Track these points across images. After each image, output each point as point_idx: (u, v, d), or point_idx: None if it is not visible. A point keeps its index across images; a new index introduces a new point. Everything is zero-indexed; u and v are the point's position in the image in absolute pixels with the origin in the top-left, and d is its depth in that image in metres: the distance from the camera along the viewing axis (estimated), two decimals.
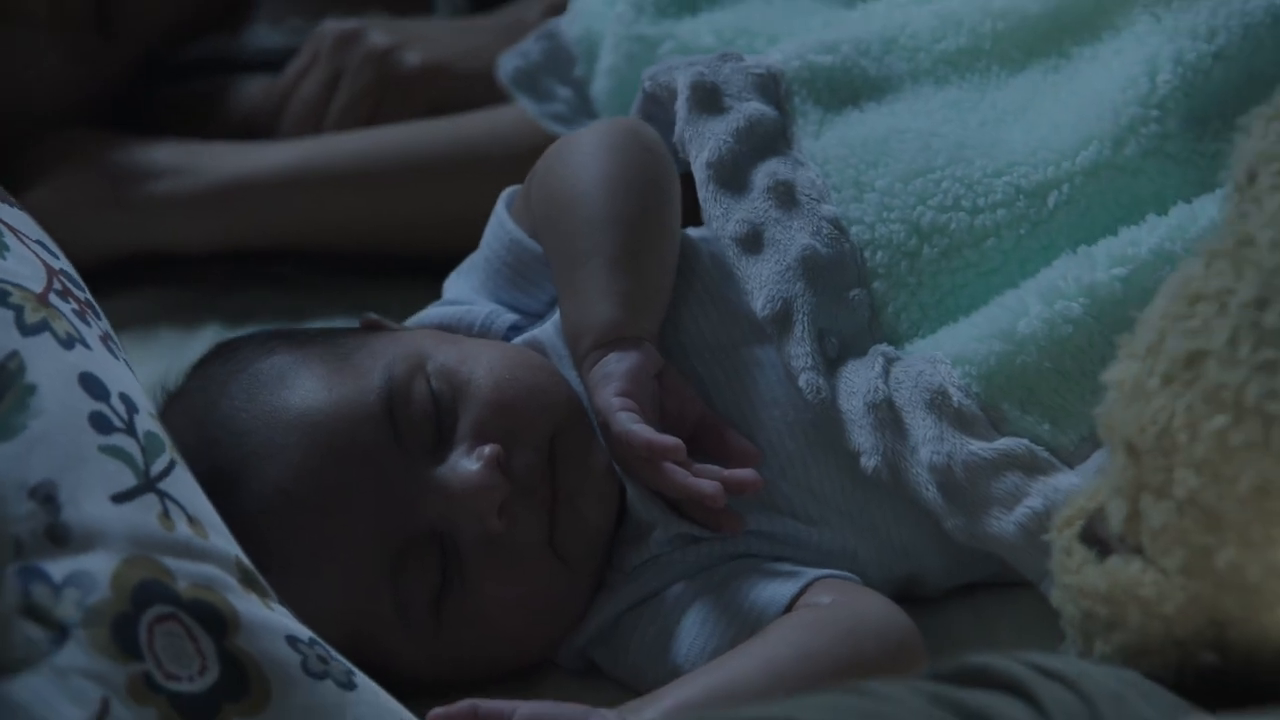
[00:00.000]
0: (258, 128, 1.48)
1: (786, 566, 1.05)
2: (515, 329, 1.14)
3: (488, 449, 1.02)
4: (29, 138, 1.44)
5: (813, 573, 1.04)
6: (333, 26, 1.45)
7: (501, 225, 1.15)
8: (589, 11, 1.29)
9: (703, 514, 1.04)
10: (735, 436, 1.06)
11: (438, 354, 1.07)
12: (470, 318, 1.14)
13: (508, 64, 1.30)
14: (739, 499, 1.04)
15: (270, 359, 1.08)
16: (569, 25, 1.29)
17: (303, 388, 1.05)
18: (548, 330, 1.12)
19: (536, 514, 1.04)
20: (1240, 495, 0.80)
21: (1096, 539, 0.88)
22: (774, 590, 1.03)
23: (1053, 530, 0.92)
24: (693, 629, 1.03)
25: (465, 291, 1.17)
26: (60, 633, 0.85)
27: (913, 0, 1.22)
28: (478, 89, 1.32)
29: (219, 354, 1.13)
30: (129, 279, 1.43)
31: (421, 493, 1.03)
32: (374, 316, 1.15)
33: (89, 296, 1.03)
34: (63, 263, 1.04)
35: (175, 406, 1.10)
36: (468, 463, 1.02)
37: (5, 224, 1.01)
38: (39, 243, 1.03)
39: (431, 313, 1.16)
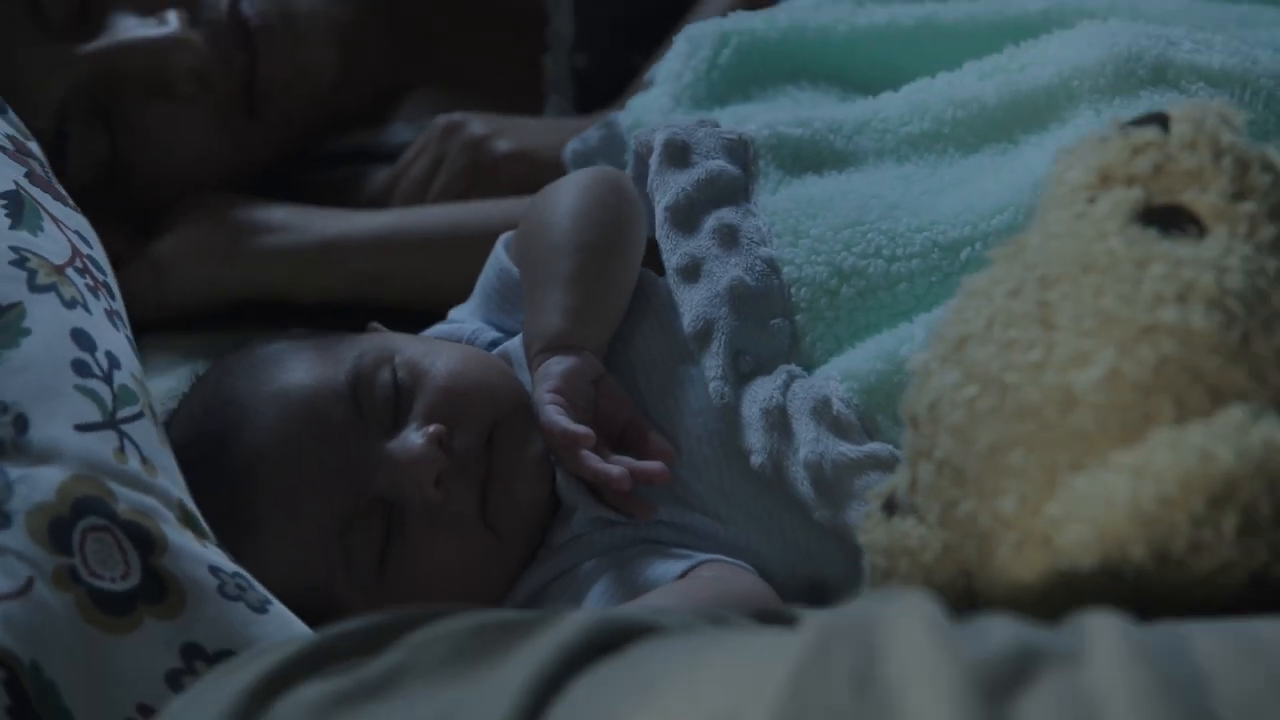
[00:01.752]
0: (378, 206, 1.63)
1: (684, 551, 1.15)
2: (495, 344, 1.26)
3: (432, 428, 1.15)
4: (177, 199, 1.59)
5: (703, 555, 1.15)
6: (443, 119, 1.60)
7: (496, 256, 1.29)
8: (640, 105, 1.41)
9: (617, 500, 1.15)
10: (657, 438, 1.17)
11: (407, 349, 1.20)
12: (459, 333, 1.28)
13: (570, 147, 1.43)
14: (657, 492, 1.15)
15: (270, 346, 1.23)
16: (623, 116, 1.41)
17: (287, 368, 1.20)
18: (515, 342, 1.25)
19: (471, 489, 1.16)
20: (979, 453, 0.88)
21: (893, 505, 0.97)
22: (668, 567, 1.14)
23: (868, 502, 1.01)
24: (596, 598, 1.14)
25: (463, 314, 1.31)
26: (5, 519, 0.99)
27: (921, 89, 1.31)
28: (555, 172, 1.45)
29: (242, 345, 1.28)
30: (243, 321, 1.56)
31: (374, 462, 1.16)
32: (376, 324, 1.28)
33: (109, 281, 1.18)
34: (95, 251, 1.19)
35: (195, 384, 1.25)
36: (415, 438, 1.16)
37: (49, 213, 1.16)
38: (77, 233, 1.18)
39: (430, 329, 1.30)
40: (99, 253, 1.20)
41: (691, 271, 1.21)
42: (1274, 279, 0.87)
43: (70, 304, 1.10)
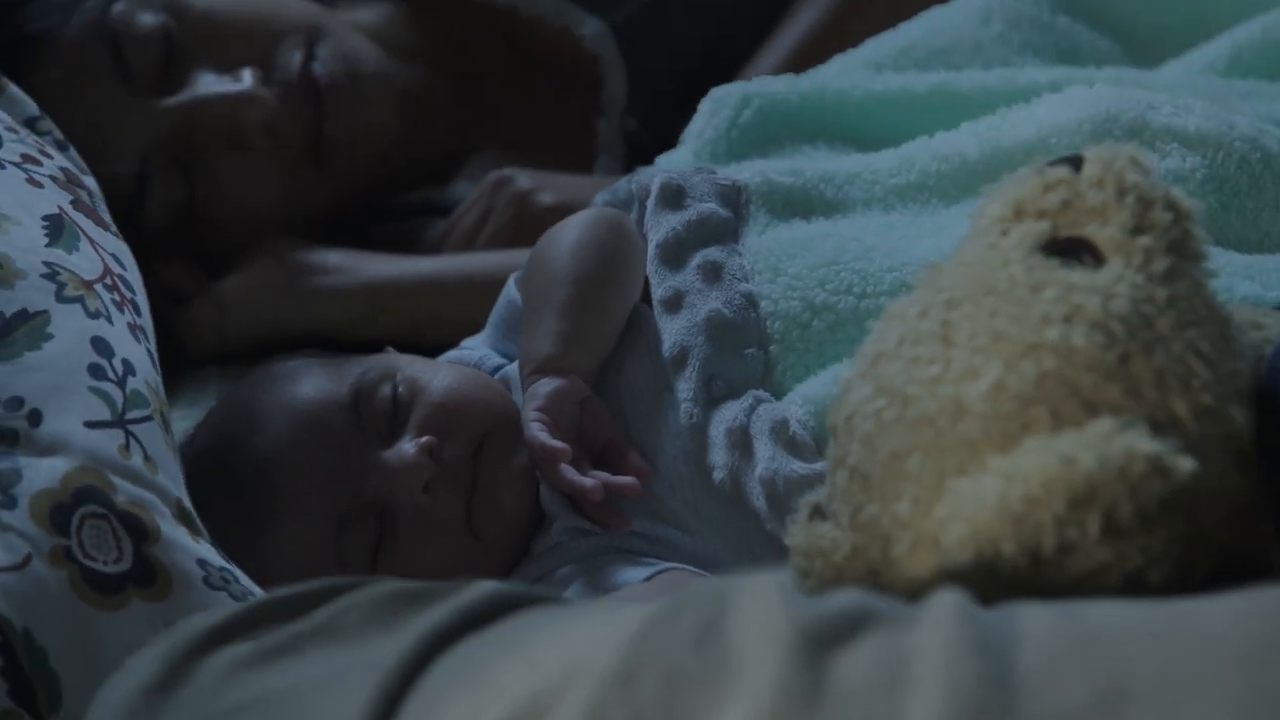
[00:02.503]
0: (435, 254, 1.72)
1: (652, 560, 1.23)
2: (498, 369, 1.34)
3: (424, 438, 1.24)
4: (246, 243, 1.68)
5: (669, 564, 1.22)
6: (494, 174, 1.69)
7: (506, 289, 1.37)
8: (666, 161, 1.48)
9: (592, 511, 1.22)
10: (635, 456, 1.24)
11: (409, 368, 1.29)
12: (467, 358, 1.36)
13: (599, 197, 1.51)
14: (634, 506, 1.23)
15: (287, 363, 1.33)
16: (652, 171, 1.49)
17: (297, 382, 1.29)
18: (514, 366, 1.33)
19: (458, 497, 1.25)
20: (881, 460, 0.94)
21: (820, 512, 1.04)
22: (634, 572, 1.21)
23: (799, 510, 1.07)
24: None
25: (473, 342, 1.39)
26: (11, 500, 1.08)
27: (913, 145, 1.38)
28: None
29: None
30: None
31: (369, 469, 1.25)
32: (389, 348, 1.37)
33: (137, 299, 1.27)
34: (127, 273, 1.28)
35: (222, 397, 1.34)
36: (408, 447, 1.24)
37: (87, 236, 1.25)
38: (113, 255, 1.27)
39: (442, 355, 1.38)
40: (132, 275, 1.29)
41: (674, 303, 1.28)
42: (1162, 306, 0.93)
43: (94, 315, 1.19)
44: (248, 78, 1.63)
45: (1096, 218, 0.97)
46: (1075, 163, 1.00)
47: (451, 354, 1.38)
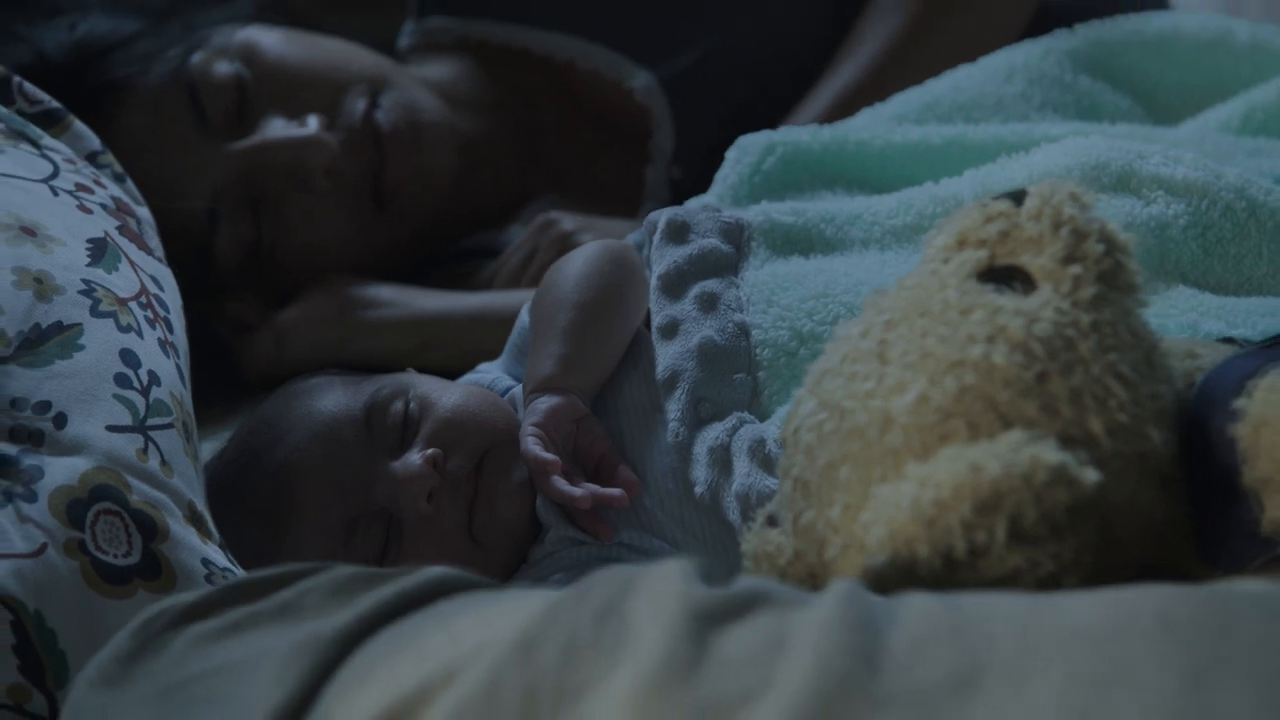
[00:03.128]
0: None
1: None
2: (509, 390, 1.41)
3: (430, 451, 1.30)
4: (310, 279, 1.76)
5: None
6: (541, 216, 1.76)
7: (520, 316, 1.43)
8: (694, 202, 1.52)
9: (582, 520, 1.28)
10: (625, 471, 1.29)
11: (422, 386, 1.36)
12: (482, 380, 1.43)
13: (631, 237, 1.57)
14: (625, 519, 1.29)
15: (311, 380, 1.40)
16: (663, 209, 1.49)
17: (317, 397, 1.36)
18: (520, 387, 1.39)
19: (460, 506, 1.30)
20: (819, 469, 1.00)
21: (772, 520, 1.09)
22: None
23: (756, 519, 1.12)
24: None
25: (489, 366, 1.46)
26: (32, 494, 1.15)
27: (915, 189, 1.43)
28: None
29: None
30: None
31: (378, 478, 1.31)
32: (410, 369, 1.44)
33: (170, 317, 1.34)
34: (164, 295, 1.35)
35: (252, 413, 1.43)
36: (414, 458, 1.30)
37: (129, 259, 1.33)
38: (152, 277, 1.35)
39: (460, 378, 1.45)
40: (169, 297, 1.36)
41: (670, 330, 1.33)
42: (1085, 331, 0.97)
43: (125, 329, 1.26)
44: (313, 123, 1.70)
45: (1032, 247, 1.01)
46: (1019, 198, 1.04)
47: (468, 376, 1.45)
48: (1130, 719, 0.72)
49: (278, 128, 1.71)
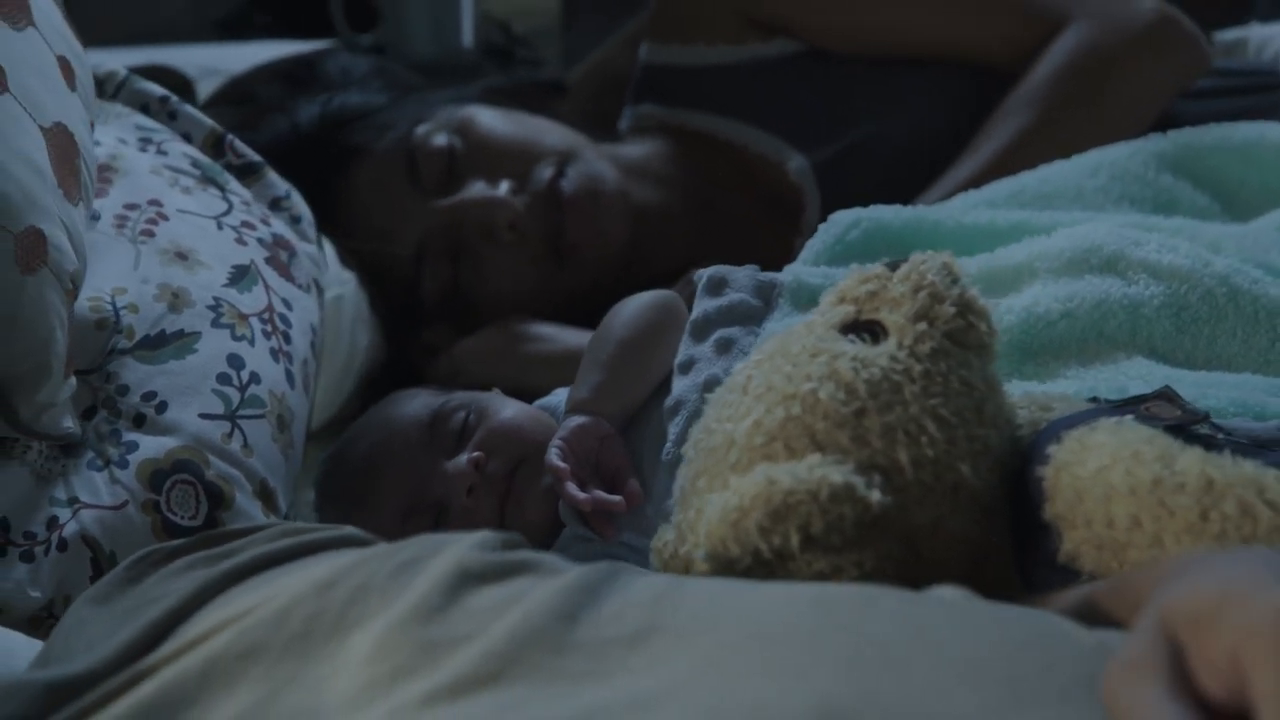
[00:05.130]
0: None
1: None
2: None
3: (475, 454, 1.46)
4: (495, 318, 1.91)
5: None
6: (689, 274, 1.87)
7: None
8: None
9: (593, 522, 1.40)
10: (633, 483, 1.40)
11: (486, 401, 1.52)
12: (549, 403, 1.57)
13: None
14: (627, 522, 1.40)
15: (404, 392, 1.58)
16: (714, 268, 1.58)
17: (399, 405, 1.54)
18: None
19: (493, 502, 1.45)
20: (690, 478, 1.11)
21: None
22: None
23: None
24: None
25: (563, 391, 1.58)
26: (125, 463, 1.33)
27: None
28: None
29: None
30: None
31: (433, 474, 1.47)
32: (496, 389, 1.60)
33: (290, 332, 1.51)
34: (291, 315, 1.53)
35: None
36: (462, 460, 1.46)
37: (266, 284, 1.52)
38: (284, 300, 1.53)
39: (535, 401, 1.59)
40: (296, 317, 1.54)
41: (686, 367, 1.43)
42: (915, 377, 1.06)
43: (238, 338, 1.44)
44: (504, 187, 1.87)
45: (892, 306, 1.10)
46: (896, 265, 1.13)
47: (541, 400, 1.59)
48: (753, 667, 0.78)
49: (475, 189, 1.88)
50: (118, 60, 1.88)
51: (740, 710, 0.75)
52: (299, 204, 1.69)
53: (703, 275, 1.49)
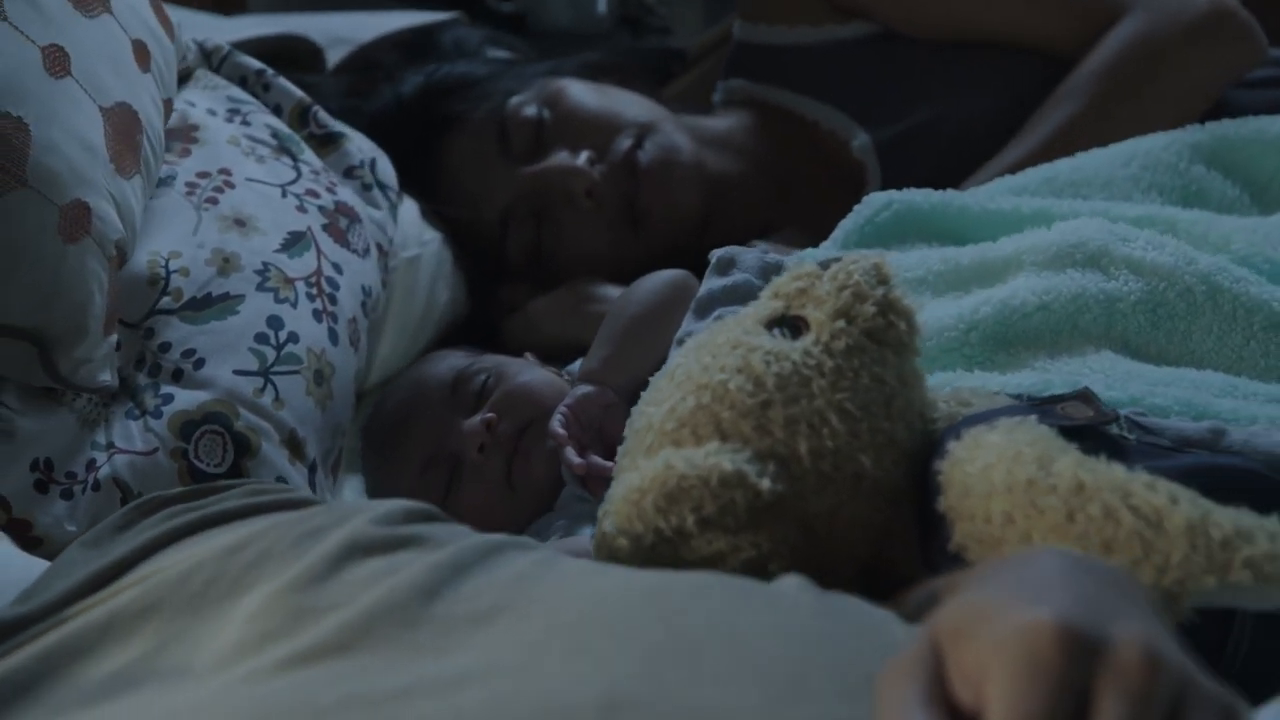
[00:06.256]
0: None
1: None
2: None
3: (488, 415, 1.52)
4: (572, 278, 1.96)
5: None
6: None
7: None
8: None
9: (588, 483, 1.44)
10: None
11: (506, 365, 1.59)
12: (575, 368, 1.62)
13: None
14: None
15: (441, 350, 1.67)
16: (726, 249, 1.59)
17: (428, 364, 1.63)
18: None
19: (501, 460, 1.52)
20: (622, 456, 1.15)
21: None
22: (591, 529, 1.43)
23: None
24: (554, 538, 1.45)
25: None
26: (159, 414, 1.41)
27: (935, 250, 1.51)
28: None
29: None
30: None
31: (450, 431, 1.54)
32: (529, 354, 1.66)
33: (336, 295, 1.57)
34: (340, 279, 1.59)
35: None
36: (476, 419, 1.52)
37: (320, 249, 1.59)
38: (334, 265, 1.59)
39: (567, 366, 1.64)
40: (345, 279, 1.60)
41: (683, 341, 1.46)
42: (826, 372, 1.07)
43: (280, 300, 1.51)
44: (583, 156, 1.91)
45: (818, 303, 1.12)
46: (828, 264, 1.15)
47: (572, 364, 1.64)
48: (565, 652, 0.80)
49: (558, 158, 1.92)
50: (260, 27, 2.01)
51: (532, 697, 0.76)
52: (374, 172, 1.75)
53: (715, 254, 1.51)
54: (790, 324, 1.13)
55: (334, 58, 2.20)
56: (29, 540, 1.32)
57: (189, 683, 0.84)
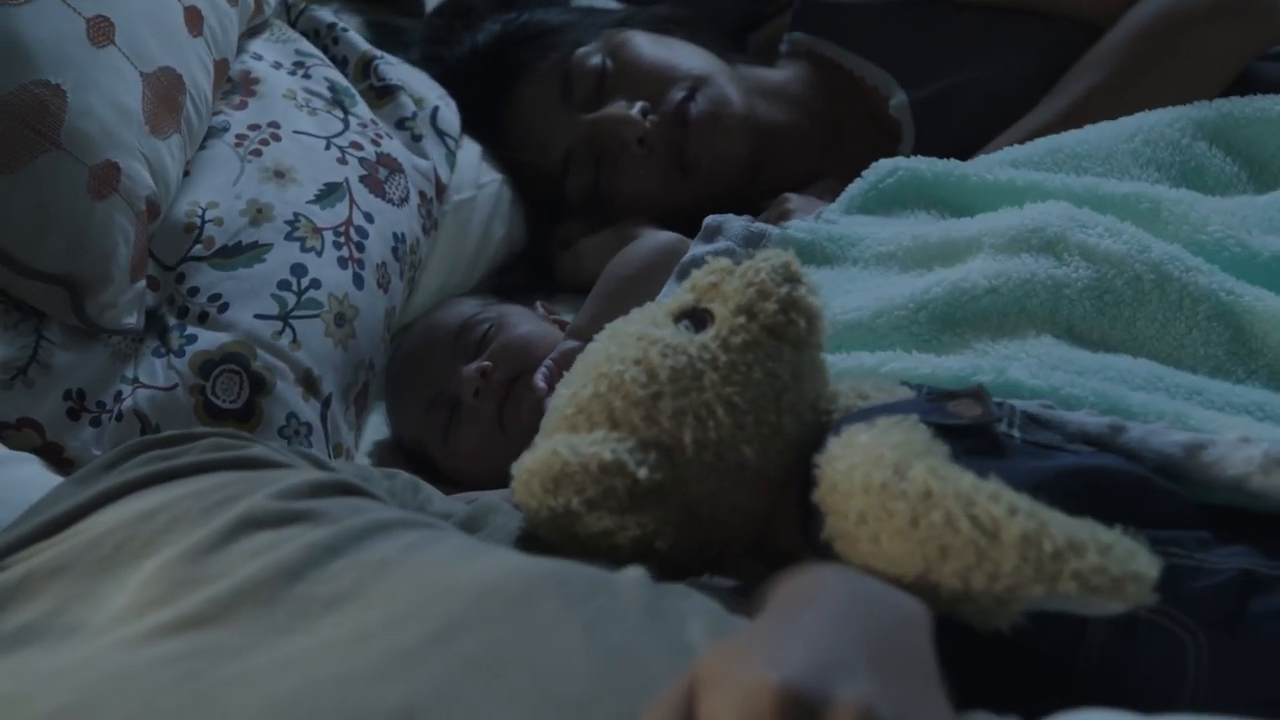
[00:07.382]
0: None
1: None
2: None
3: (484, 363, 1.58)
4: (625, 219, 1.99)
5: None
6: (782, 197, 1.92)
7: None
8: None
9: None
10: None
11: (508, 315, 1.63)
12: None
13: None
14: None
15: (454, 299, 1.72)
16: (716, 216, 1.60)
17: (443, 311, 1.69)
18: None
19: (494, 404, 1.57)
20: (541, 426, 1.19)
21: None
22: None
23: None
24: None
25: None
26: (181, 353, 1.48)
27: (909, 225, 1.51)
28: None
29: None
30: None
31: (451, 375, 1.60)
32: (539, 302, 1.71)
33: (364, 243, 1.62)
34: (369, 227, 1.64)
35: None
36: (471, 368, 1.58)
37: (354, 200, 1.64)
38: (366, 214, 1.64)
39: None
40: (375, 228, 1.65)
41: None
42: (719, 366, 1.09)
43: (306, 249, 1.57)
44: (637, 107, 1.94)
45: (724, 298, 1.14)
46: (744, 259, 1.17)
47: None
48: (379, 651, 0.80)
49: (615, 107, 1.95)
50: None
51: (336, 696, 0.77)
52: (433, 120, 1.80)
53: (708, 222, 1.54)
54: (697, 317, 1.15)
55: (433, 1, 2.25)
56: (62, 462, 1.40)
57: (78, 641, 0.85)
